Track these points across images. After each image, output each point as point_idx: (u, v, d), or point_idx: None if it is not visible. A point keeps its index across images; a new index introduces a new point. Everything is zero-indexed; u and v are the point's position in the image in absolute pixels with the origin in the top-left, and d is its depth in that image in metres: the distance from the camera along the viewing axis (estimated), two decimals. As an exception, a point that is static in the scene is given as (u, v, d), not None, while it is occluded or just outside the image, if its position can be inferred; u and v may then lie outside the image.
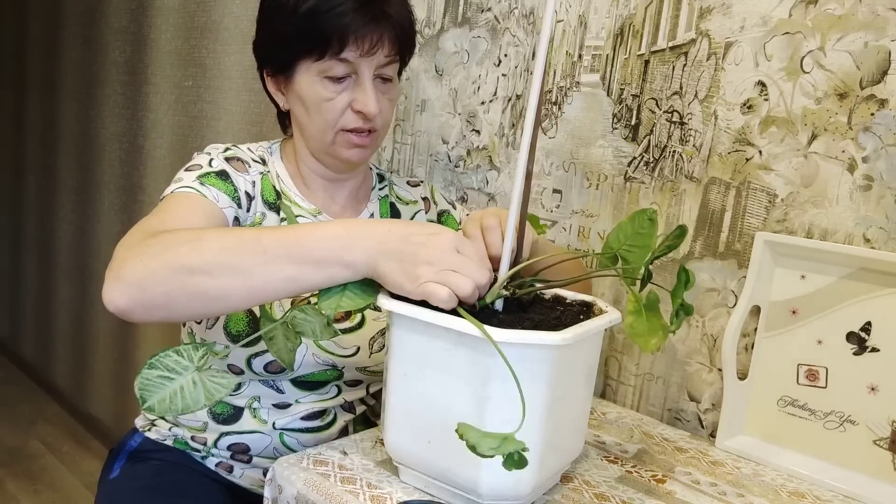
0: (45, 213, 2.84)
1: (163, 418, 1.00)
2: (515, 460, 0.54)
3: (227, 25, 1.78)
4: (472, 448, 0.53)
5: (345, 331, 0.94)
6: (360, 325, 0.96)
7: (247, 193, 0.90)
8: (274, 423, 0.94)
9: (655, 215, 0.66)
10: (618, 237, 0.67)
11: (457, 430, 0.54)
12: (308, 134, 0.94)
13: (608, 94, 1.06)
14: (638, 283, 0.67)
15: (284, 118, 1.01)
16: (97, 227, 2.44)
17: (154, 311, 0.67)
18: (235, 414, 0.94)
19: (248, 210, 0.90)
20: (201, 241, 0.67)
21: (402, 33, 0.90)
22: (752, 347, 0.89)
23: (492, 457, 0.53)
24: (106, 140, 2.37)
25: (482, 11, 1.22)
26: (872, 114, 0.81)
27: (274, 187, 0.95)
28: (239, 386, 0.93)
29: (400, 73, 0.98)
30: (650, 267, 0.66)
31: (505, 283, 0.68)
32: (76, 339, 2.65)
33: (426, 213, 1.10)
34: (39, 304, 2.94)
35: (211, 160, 0.89)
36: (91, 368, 2.55)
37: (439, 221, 1.11)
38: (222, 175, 0.88)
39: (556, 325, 0.65)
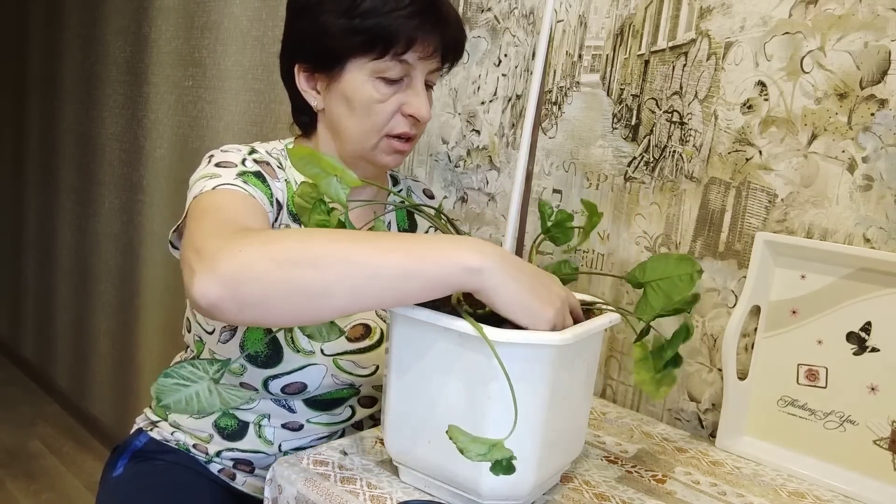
0: (45, 213, 2.84)
1: (164, 420, 0.99)
2: (503, 466, 0.54)
3: (227, 25, 1.78)
4: (461, 452, 0.53)
5: (363, 349, 0.91)
6: (379, 343, 0.93)
7: (277, 201, 0.85)
8: (280, 445, 0.93)
9: (699, 276, 0.63)
10: (655, 269, 0.64)
11: (447, 433, 0.54)
12: (347, 136, 0.88)
13: (608, 94, 1.06)
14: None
15: (305, 118, 0.94)
16: (97, 227, 2.45)
17: (247, 310, 0.60)
18: (240, 430, 0.92)
19: (276, 217, 0.85)
20: (310, 235, 0.62)
21: (458, 41, 0.89)
22: (752, 347, 0.89)
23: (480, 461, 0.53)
24: (106, 140, 2.37)
25: (482, 11, 1.22)
26: (872, 114, 0.81)
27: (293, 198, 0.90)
28: (250, 399, 0.91)
29: None
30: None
31: None
32: (76, 339, 2.65)
33: (435, 230, 1.05)
34: (39, 304, 2.95)
35: (243, 160, 0.84)
36: (91, 368, 2.55)
37: None
38: (259, 176, 0.82)
39: (556, 325, 0.65)
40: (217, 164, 0.82)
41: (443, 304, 0.64)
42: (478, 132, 1.24)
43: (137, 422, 1.03)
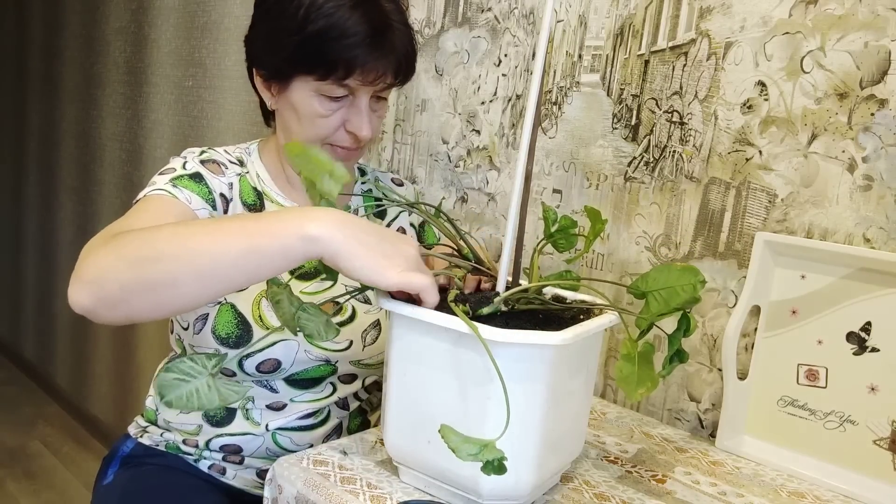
0: (46, 213, 2.84)
1: (154, 424, 1.00)
2: (495, 466, 0.54)
3: (227, 25, 1.78)
4: (453, 451, 0.53)
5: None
6: (352, 318, 0.95)
7: (222, 195, 0.90)
8: (267, 426, 0.94)
9: (702, 285, 0.63)
10: (657, 279, 0.64)
11: (439, 431, 0.54)
12: (294, 138, 0.93)
13: (608, 94, 1.06)
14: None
15: (269, 113, 1.00)
16: (97, 227, 2.44)
17: (115, 308, 0.65)
18: (228, 416, 0.94)
19: (224, 212, 0.90)
20: (155, 232, 0.66)
21: (405, 64, 0.90)
22: (752, 347, 0.89)
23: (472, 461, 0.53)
24: (106, 140, 2.37)
25: (482, 11, 1.22)
26: (872, 114, 0.81)
27: (254, 188, 0.94)
28: (244, 398, 0.93)
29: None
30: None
31: (504, 298, 0.67)
32: (76, 339, 2.65)
33: (409, 215, 1.09)
34: (39, 304, 2.94)
35: (185, 163, 0.89)
36: (91, 368, 2.55)
37: (420, 230, 1.11)
38: (196, 177, 0.87)
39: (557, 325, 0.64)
40: (160, 172, 0.88)
41: (443, 304, 0.64)
42: (478, 132, 1.24)
43: (129, 430, 1.04)
